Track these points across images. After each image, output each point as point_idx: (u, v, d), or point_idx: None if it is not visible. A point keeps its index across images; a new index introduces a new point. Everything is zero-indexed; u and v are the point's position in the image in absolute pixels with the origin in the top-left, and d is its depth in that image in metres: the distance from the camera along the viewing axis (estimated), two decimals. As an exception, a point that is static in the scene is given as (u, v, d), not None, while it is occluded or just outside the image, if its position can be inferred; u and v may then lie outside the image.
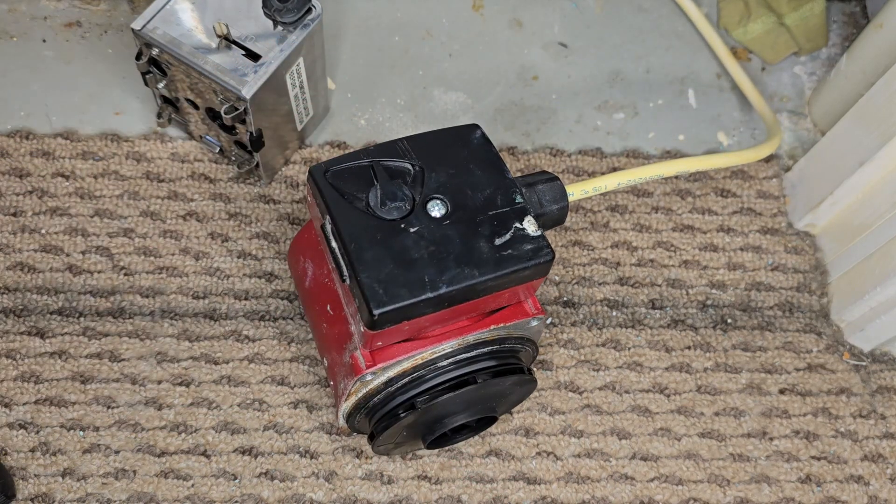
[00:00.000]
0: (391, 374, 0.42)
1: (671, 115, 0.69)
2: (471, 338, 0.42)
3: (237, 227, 0.61)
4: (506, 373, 0.42)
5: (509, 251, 0.41)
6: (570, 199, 0.45)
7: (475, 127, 0.44)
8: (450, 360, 0.42)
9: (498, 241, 0.41)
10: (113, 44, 0.67)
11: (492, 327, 0.43)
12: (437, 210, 0.41)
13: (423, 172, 0.42)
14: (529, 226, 0.41)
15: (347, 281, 0.40)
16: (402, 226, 0.41)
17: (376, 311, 0.38)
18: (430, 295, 0.39)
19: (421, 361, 0.42)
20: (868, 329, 0.60)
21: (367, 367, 0.44)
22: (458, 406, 0.48)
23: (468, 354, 0.42)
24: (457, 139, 0.43)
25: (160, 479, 0.54)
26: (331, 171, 0.42)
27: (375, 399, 0.46)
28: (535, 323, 0.45)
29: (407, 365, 0.42)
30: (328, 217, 0.41)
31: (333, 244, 0.40)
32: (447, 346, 0.42)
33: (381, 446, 0.51)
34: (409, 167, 0.42)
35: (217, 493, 0.54)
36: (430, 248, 0.40)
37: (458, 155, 0.43)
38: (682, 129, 0.69)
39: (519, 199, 0.42)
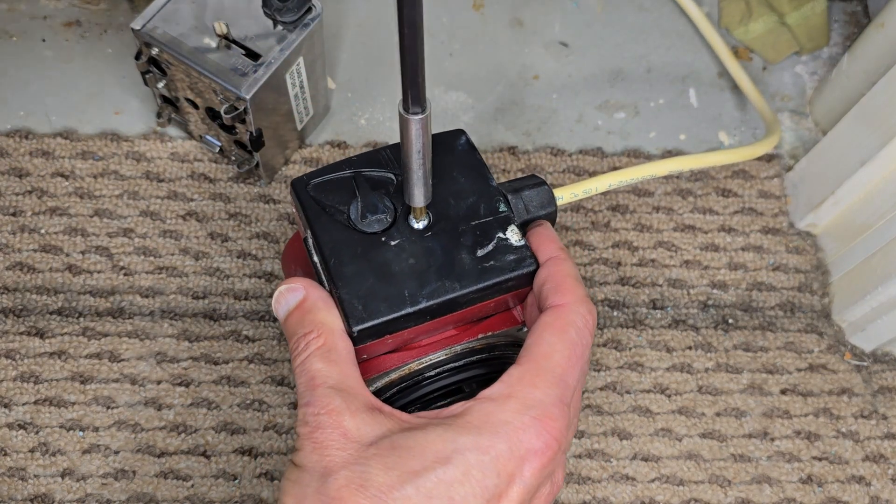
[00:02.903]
0: (379, 385, 0.42)
1: (672, 115, 0.69)
2: (459, 347, 0.42)
3: (237, 226, 0.61)
4: (496, 381, 0.42)
5: (491, 262, 0.40)
6: (559, 202, 0.44)
7: (460, 132, 0.44)
8: (438, 370, 0.42)
9: (480, 252, 0.40)
10: (113, 43, 0.67)
11: (480, 336, 0.42)
12: (418, 221, 0.41)
13: None
14: (513, 235, 0.41)
15: None
16: (383, 239, 0.40)
17: (355, 328, 0.38)
18: (409, 310, 0.39)
19: (408, 372, 0.41)
20: (869, 329, 0.60)
21: None
22: None
23: (457, 364, 0.42)
24: (441, 146, 0.43)
25: (160, 479, 0.54)
26: (312, 183, 0.41)
27: None
28: (525, 329, 0.45)
29: (394, 376, 0.41)
30: (309, 231, 0.40)
31: (315, 258, 0.40)
32: (435, 357, 0.42)
33: None
34: (392, 177, 0.42)
35: (217, 494, 0.54)
36: (410, 261, 0.40)
37: (442, 162, 0.42)
38: (683, 128, 0.69)
39: (502, 207, 0.41)
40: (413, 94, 0.34)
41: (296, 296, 0.39)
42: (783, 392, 0.60)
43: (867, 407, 0.60)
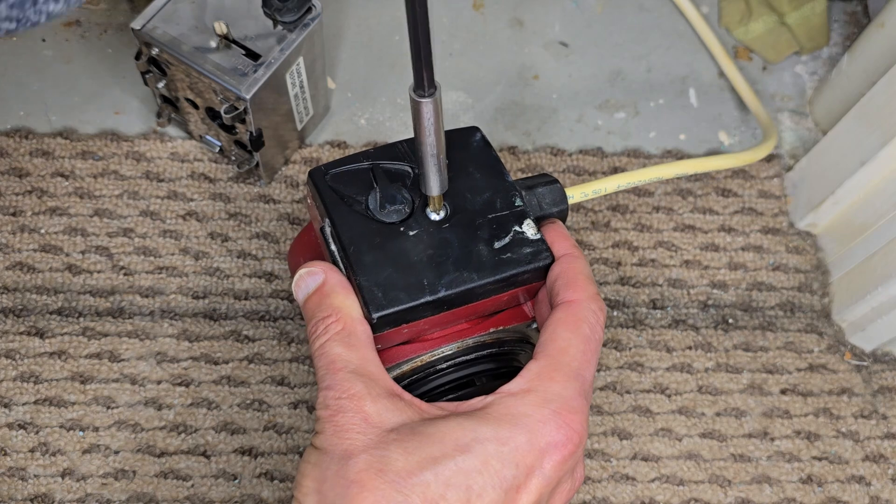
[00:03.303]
0: (390, 376, 0.42)
1: (672, 115, 0.69)
2: (470, 341, 0.42)
3: (237, 226, 0.61)
4: (505, 375, 0.42)
5: (508, 254, 0.40)
6: (570, 201, 0.45)
7: (475, 129, 0.44)
8: (449, 363, 0.42)
9: (497, 245, 0.41)
10: (112, 43, 0.67)
11: (491, 330, 0.43)
12: (436, 213, 0.41)
13: None
14: (528, 229, 0.41)
15: None
16: (402, 229, 0.40)
17: (375, 315, 0.38)
18: (428, 298, 0.39)
19: (420, 364, 0.42)
20: (869, 329, 0.60)
21: None
22: None
23: (467, 357, 0.42)
24: (456, 142, 0.43)
25: (160, 479, 0.54)
26: (330, 173, 0.42)
27: None
28: (534, 326, 0.45)
29: (406, 368, 0.42)
30: (327, 220, 0.41)
31: (332, 247, 0.41)
32: (446, 349, 0.42)
33: None
34: (409, 170, 0.42)
35: (217, 494, 0.54)
36: (428, 251, 0.40)
37: (458, 158, 0.43)
38: (683, 128, 0.69)
39: (518, 202, 0.42)
40: (427, 75, 0.34)
41: (315, 279, 0.40)
42: (783, 392, 0.60)
43: (867, 407, 0.60)
